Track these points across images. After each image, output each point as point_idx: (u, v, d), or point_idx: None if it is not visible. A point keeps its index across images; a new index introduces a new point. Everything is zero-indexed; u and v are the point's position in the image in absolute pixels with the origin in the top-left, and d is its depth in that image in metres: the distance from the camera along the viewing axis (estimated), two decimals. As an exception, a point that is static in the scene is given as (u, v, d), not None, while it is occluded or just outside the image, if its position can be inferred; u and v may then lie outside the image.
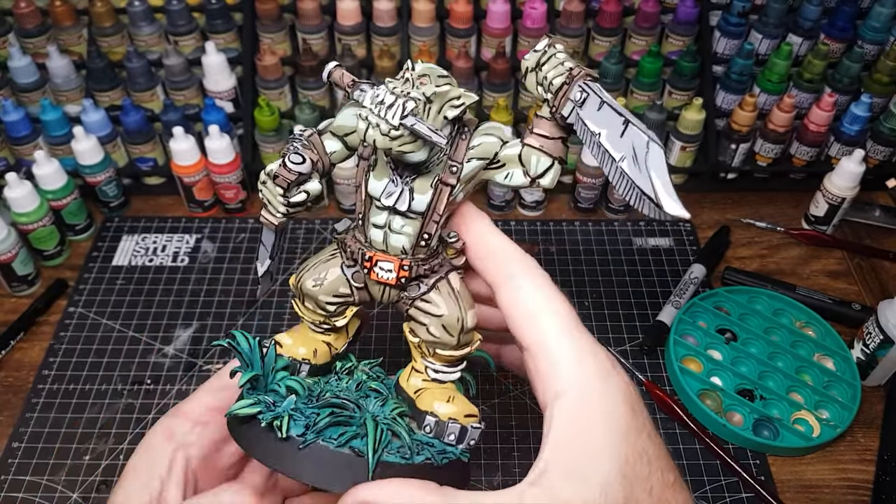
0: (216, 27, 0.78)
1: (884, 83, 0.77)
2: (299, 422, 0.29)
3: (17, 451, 0.58)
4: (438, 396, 0.31)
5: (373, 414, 0.31)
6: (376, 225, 0.30)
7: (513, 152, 0.30)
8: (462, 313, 0.31)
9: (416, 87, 0.27)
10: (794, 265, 0.74)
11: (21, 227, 0.68)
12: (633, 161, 0.25)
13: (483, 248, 0.30)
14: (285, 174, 0.30)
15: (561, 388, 0.25)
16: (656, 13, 0.78)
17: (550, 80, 0.28)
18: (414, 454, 0.29)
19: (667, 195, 0.24)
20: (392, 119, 0.26)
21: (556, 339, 0.27)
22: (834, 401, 0.61)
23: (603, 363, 0.26)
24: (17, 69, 0.75)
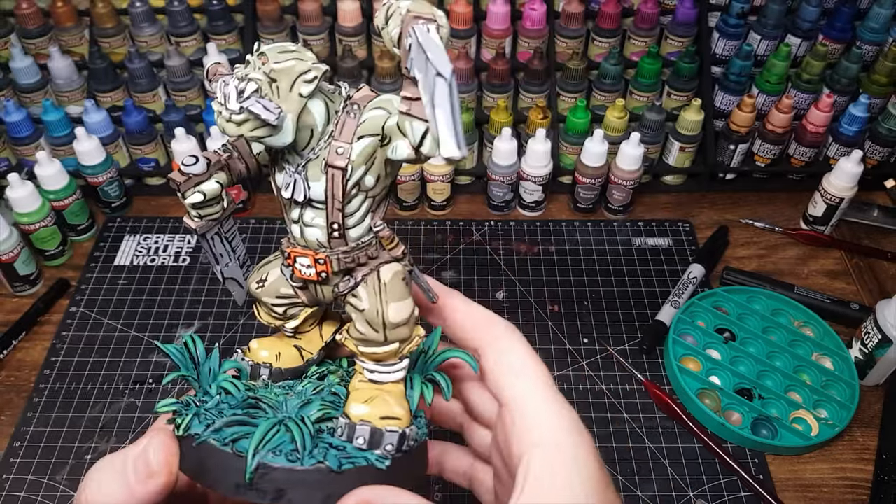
0: (217, 28, 0.79)
1: (882, 84, 0.77)
2: (205, 421, 0.28)
3: (19, 450, 0.58)
4: (359, 397, 0.30)
5: (282, 415, 0.29)
6: (293, 220, 0.29)
7: (391, 122, 0.26)
8: (382, 306, 0.29)
9: (256, 68, 0.26)
10: (792, 265, 0.75)
11: (23, 227, 0.68)
12: (430, 101, 0.22)
13: (468, 319, 0.32)
14: (176, 177, 0.29)
15: (538, 439, 0.27)
16: (655, 14, 0.78)
17: (391, 32, 0.24)
18: (305, 457, 0.27)
19: (446, 133, 0.21)
20: (232, 105, 0.25)
21: (536, 395, 0.29)
22: (832, 400, 0.61)
23: (575, 420, 0.28)
24: (18, 70, 0.75)
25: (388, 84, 0.77)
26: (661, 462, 0.58)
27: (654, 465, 0.57)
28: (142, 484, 0.26)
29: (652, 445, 0.59)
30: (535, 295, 0.70)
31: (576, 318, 0.68)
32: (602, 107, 0.79)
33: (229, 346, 0.65)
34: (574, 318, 0.68)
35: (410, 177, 0.75)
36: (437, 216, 0.79)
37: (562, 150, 0.80)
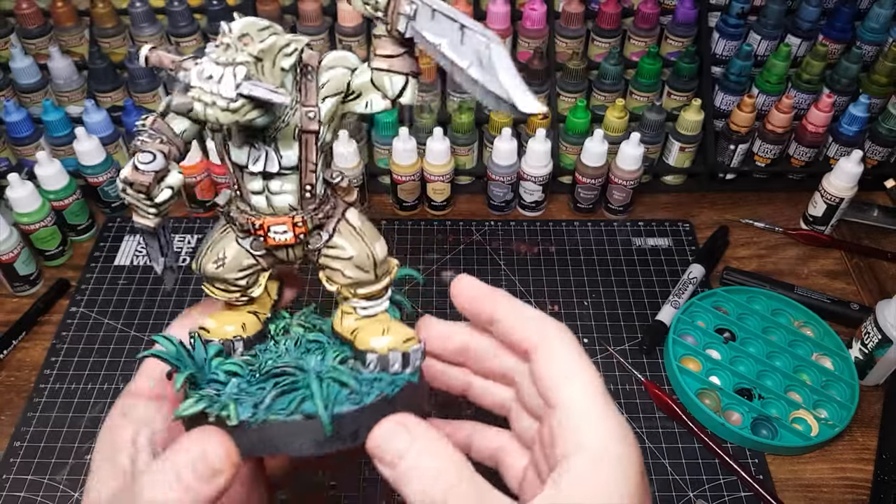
0: (217, 28, 0.79)
1: (882, 84, 0.77)
2: (246, 403, 0.28)
3: (19, 450, 0.58)
4: (373, 331, 0.31)
5: (316, 371, 0.30)
6: (254, 191, 0.29)
7: (365, 79, 0.28)
8: (370, 248, 0.31)
9: (239, 50, 0.25)
10: (792, 265, 0.75)
11: (23, 227, 0.68)
12: (479, 66, 0.24)
13: (521, 319, 0.31)
14: (141, 178, 0.27)
15: (585, 442, 0.27)
16: (655, 14, 0.78)
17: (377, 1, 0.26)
18: (364, 396, 0.29)
19: (520, 93, 0.23)
20: (227, 92, 0.25)
21: (586, 399, 0.28)
22: (832, 400, 0.61)
23: (625, 429, 0.28)
24: (18, 70, 0.75)
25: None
26: (661, 462, 0.58)
27: (654, 465, 0.57)
28: (207, 484, 0.26)
29: (652, 445, 0.59)
30: (534, 295, 0.70)
31: (576, 319, 0.68)
32: (602, 107, 0.79)
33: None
34: (574, 319, 0.68)
35: (410, 177, 0.75)
36: (437, 216, 0.79)
37: (562, 150, 0.80)
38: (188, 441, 0.27)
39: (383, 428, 0.27)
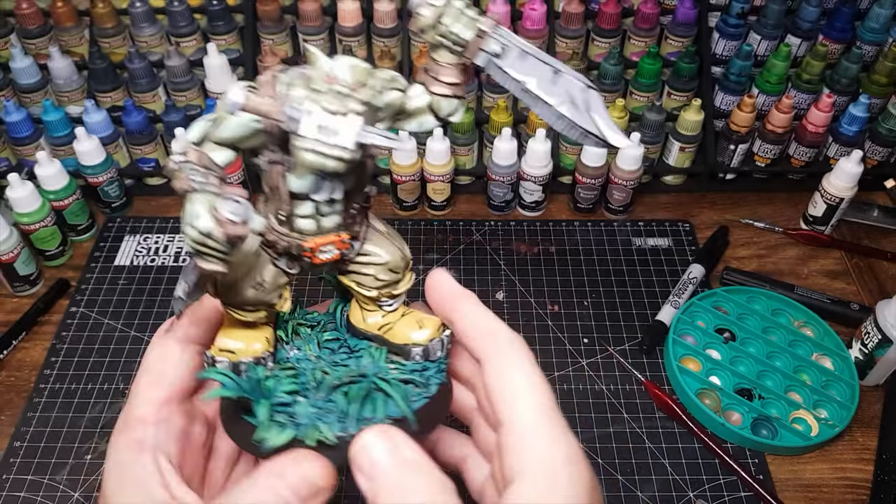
0: (217, 28, 0.79)
1: (882, 84, 0.77)
2: (330, 420, 0.29)
3: (19, 450, 0.58)
4: (409, 325, 0.32)
5: (374, 373, 0.31)
6: (303, 216, 0.29)
7: (422, 104, 0.29)
8: (402, 251, 0.32)
9: (350, 97, 0.25)
10: (792, 265, 0.75)
11: (23, 227, 0.68)
12: (572, 105, 0.27)
13: (473, 328, 0.31)
14: (236, 231, 0.24)
15: (528, 467, 0.26)
16: (655, 14, 0.78)
17: (458, 34, 0.27)
18: (426, 388, 0.31)
19: (613, 132, 0.27)
20: (347, 143, 0.24)
21: (534, 419, 0.27)
22: (832, 400, 0.61)
23: (573, 450, 0.27)
24: (18, 70, 0.75)
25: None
26: (661, 462, 0.58)
27: (654, 465, 0.57)
28: (313, 501, 0.27)
29: (652, 445, 0.59)
30: (535, 295, 0.70)
31: (576, 319, 0.68)
32: (602, 107, 0.79)
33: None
34: (574, 319, 0.68)
35: (410, 177, 0.75)
36: (437, 216, 0.79)
37: (562, 150, 0.80)
38: (287, 466, 0.27)
39: (367, 436, 0.27)
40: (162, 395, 0.30)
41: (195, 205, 0.24)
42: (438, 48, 0.28)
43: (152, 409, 0.30)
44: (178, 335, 0.32)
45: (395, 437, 0.27)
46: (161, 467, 0.28)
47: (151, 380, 0.31)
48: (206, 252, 0.25)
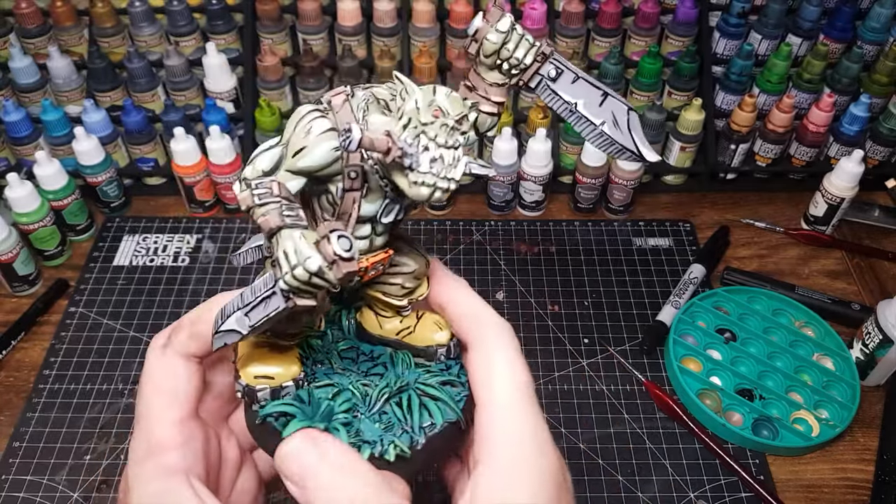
0: (217, 28, 0.79)
1: (883, 83, 0.77)
2: (399, 435, 0.29)
3: (18, 450, 0.58)
4: (430, 328, 0.32)
5: (414, 380, 0.31)
6: (361, 237, 0.29)
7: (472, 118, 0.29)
8: (425, 255, 0.32)
9: (456, 130, 0.26)
10: (793, 265, 0.74)
11: (22, 227, 0.68)
12: (613, 125, 0.29)
13: (462, 314, 0.31)
14: (350, 267, 0.24)
15: (496, 452, 0.27)
16: (656, 14, 0.78)
17: (521, 59, 0.28)
18: (463, 387, 0.31)
19: (647, 149, 0.29)
20: (458, 175, 0.25)
21: (507, 404, 0.28)
22: (833, 400, 0.61)
23: (543, 439, 0.27)
24: (18, 69, 0.75)
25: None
26: (662, 462, 0.57)
27: (654, 466, 0.57)
28: None
29: (652, 446, 0.59)
30: (535, 295, 0.70)
31: (576, 319, 0.68)
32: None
33: (229, 346, 0.65)
34: (574, 319, 0.68)
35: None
36: (437, 216, 0.79)
37: (562, 149, 0.79)
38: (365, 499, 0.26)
39: (290, 444, 0.26)
40: (181, 414, 0.29)
41: (299, 243, 0.24)
42: (492, 69, 0.29)
43: (174, 431, 0.29)
44: (178, 350, 0.30)
45: (321, 441, 0.27)
46: (197, 490, 0.27)
47: (167, 400, 0.29)
48: (307, 290, 0.24)
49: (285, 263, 0.24)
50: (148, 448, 0.28)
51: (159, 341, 0.31)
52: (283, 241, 0.24)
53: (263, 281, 0.26)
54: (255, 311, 0.26)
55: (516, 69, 0.28)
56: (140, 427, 0.29)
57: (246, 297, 0.26)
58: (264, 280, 0.26)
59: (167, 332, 0.31)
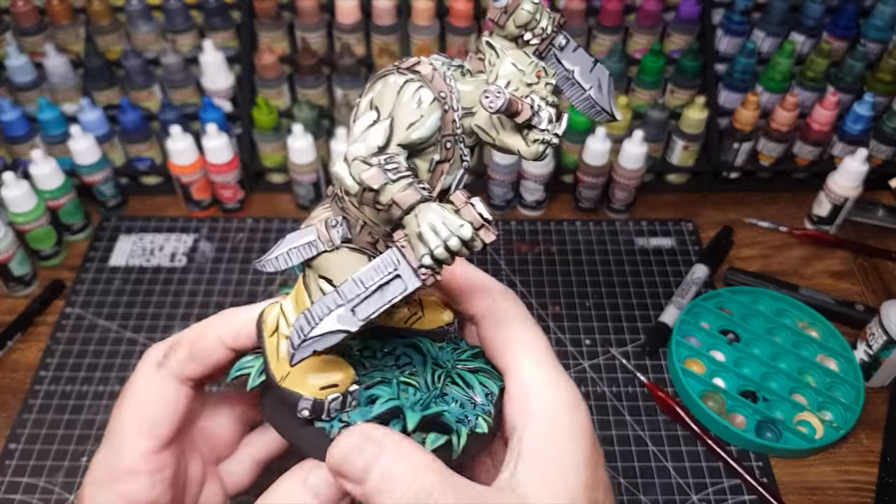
0: (214, 25, 0.78)
1: (887, 82, 0.77)
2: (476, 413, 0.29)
3: (14, 452, 0.57)
4: (435, 310, 0.32)
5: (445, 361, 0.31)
6: None
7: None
8: None
9: (544, 85, 0.26)
10: (797, 265, 0.74)
11: (18, 226, 0.68)
12: (598, 89, 0.30)
13: (466, 282, 0.31)
14: (493, 232, 0.24)
15: (534, 411, 0.27)
16: (658, 11, 0.77)
17: (545, 28, 0.28)
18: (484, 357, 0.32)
19: (615, 108, 0.30)
20: (561, 132, 0.26)
21: (534, 366, 0.28)
22: (837, 402, 0.60)
23: (574, 393, 0.28)
24: (14, 68, 0.75)
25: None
26: (664, 465, 0.57)
27: (656, 468, 0.57)
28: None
29: (655, 448, 0.58)
30: (536, 295, 0.70)
31: (577, 319, 0.68)
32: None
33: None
34: (576, 319, 0.68)
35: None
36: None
37: (563, 148, 0.79)
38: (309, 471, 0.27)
39: (343, 443, 0.25)
40: (157, 443, 0.28)
41: (446, 214, 0.23)
42: (511, 40, 0.27)
43: (144, 461, 0.28)
44: (174, 371, 0.29)
45: (377, 434, 0.26)
46: None
47: (146, 427, 0.28)
48: (448, 263, 0.24)
49: (434, 237, 0.23)
50: (111, 472, 0.27)
51: (155, 357, 0.29)
52: (426, 215, 0.23)
53: (374, 268, 0.25)
54: (368, 302, 0.25)
55: (538, 38, 0.27)
56: (109, 444, 0.28)
57: (349, 292, 0.25)
58: (374, 267, 0.25)
59: (164, 346, 0.30)
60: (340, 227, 0.27)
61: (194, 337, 0.29)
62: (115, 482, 0.27)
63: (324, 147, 0.77)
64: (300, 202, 0.78)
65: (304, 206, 0.78)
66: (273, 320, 0.29)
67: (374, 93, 0.26)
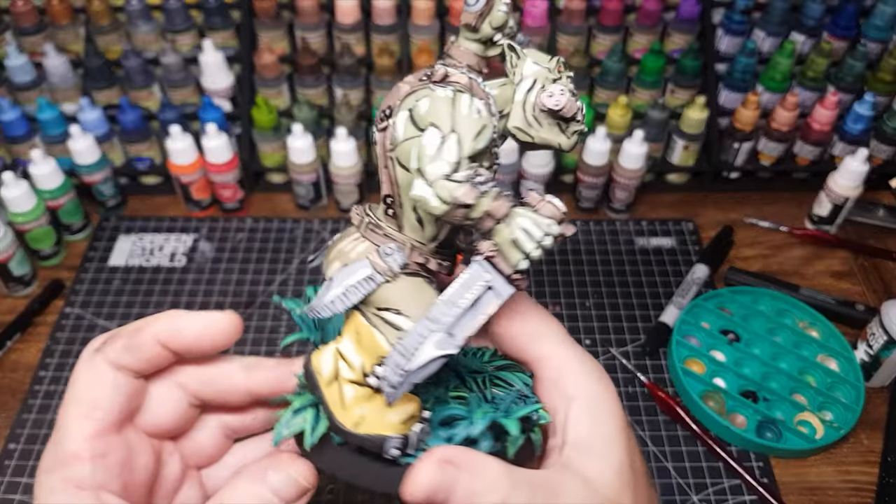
0: (214, 25, 0.78)
1: (887, 82, 0.76)
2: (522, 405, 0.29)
3: (14, 452, 0.57)
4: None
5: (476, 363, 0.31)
6: None
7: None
8: None
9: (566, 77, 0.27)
10: (797, 265, 0.74)
11: (17, 226, 0.68)
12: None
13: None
14: (572, 225, 0.25)
15: (574, 393, 0.28)
16: (658, 11, 0.77)
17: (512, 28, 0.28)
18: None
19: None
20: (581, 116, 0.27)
21: (564, 351, 0.29)
22: (837, 402, 0.60)
23: (599, 369, 0.29)
24: (13, 68, 0.75)
25: (387, 81, 0.77)
26: (665, 465, 0.57)
27: (657, 469, 0.57)
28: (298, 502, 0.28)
29: (655, 448, 0.58)
30: (535, 295, 0.70)
31: (577, 319, 0.68)
32: (604, 104, 0.79)
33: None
34: (576, 319, 0.68)
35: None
36: (436, 215, 0.78)
37: (563, 148, 0.79)
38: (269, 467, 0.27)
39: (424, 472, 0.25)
40: (99, 426, 0.28)
41: (534, 216, 0.24)
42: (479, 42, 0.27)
43: (87, 445, 0.27)
44: (109, 358, 0.29)
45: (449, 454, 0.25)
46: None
47: (83, 410, 0.28)
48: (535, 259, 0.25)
49: (529, 240, 0.24)
50: (56, 458, 0.27)
51: (93, 345, 0.30)
52: (518, 220, 0.24)
53: (462, 286, 0.25)
54: (463, 321, 0.25)
55: (506, 38, 0.27)
56: (54, 434, 0.28)
57: (441, 315, 0.25)
58: (462, 284, 0.25)
59: (104, 336, 0.30)
60: (397, 254, 0.26)
61: (132, 330, 0.30)
62: (61, 468, 0.27)
63: (324, 147, 0.77)
64: (300, 202, 0.78)
65: (304, 206, 0.78)
66: (330, 368, 0.27)
67: (420, 110, 0.25)
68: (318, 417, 0.28)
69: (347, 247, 0.27)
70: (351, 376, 0.27)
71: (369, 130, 0.78)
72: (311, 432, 0.28)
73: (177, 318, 0.30)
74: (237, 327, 0.30)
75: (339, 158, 0.72)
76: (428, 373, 0.25)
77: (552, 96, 0.25)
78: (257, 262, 0.72)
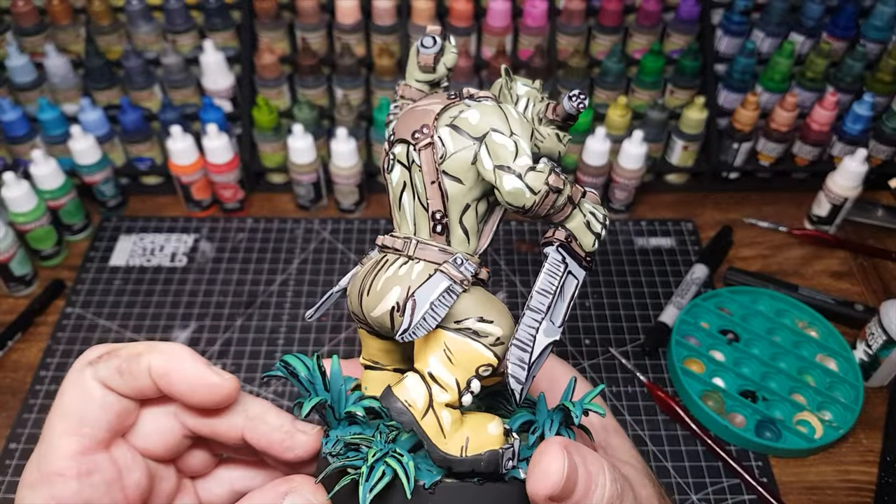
0: (214, 25, 0.78)
1: (886, 82, 0.77)
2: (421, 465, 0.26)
3: (15, 452, 0.57)
4: None
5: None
6: None
7: None
8: None
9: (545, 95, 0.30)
10: (796, 265, 0.74)
11: (18, 226, 0.68)
12: None
13: None
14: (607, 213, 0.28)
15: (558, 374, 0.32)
16: (658, 11, 0.77)
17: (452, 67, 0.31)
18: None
19: None
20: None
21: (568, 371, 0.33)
22: (836, 402, 0.60)
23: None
24: (14, 68, 0.75)
25: (387, 82, 0.77)
26: (664, 465, 0.57)
27: (656, 468, 0.57)
28: None
29: (654, 448, 0.58)
30: (535, 295, 0.70)
31: (577, 319, 0.68)
32: (604, 105, 0.79)
33: (226, 346, 0.65)
34: (575, 319, 0.68)
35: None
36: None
37: (563, 148, 0.79)
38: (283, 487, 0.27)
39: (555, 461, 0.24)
40: (85, 443, 0.26)
41: (592, 203, 0.28)
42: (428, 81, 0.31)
43: (72, 462, 0.26)
44: (100, 375, 0.27)
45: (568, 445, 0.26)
46: None
47: (69, 426, 0.27)
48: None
49: (598, 223, 0.27)
50: (40, 474, 0.26)
51: (89, 356, 0.28)
52: (585, 206, 0.27)
53: (548, 274, 0.26)
54: (557, 307, 0.26)
55: (450, 73, 0.31)
56: (39, 447, 0.27)
57: (541, 305, 0.26)
58: (548, 272, 0.26)
59: (102, 349, 0.28)
60: (467, 263, 0.27)
61: (131, 354, 0.28)
62: (45, 484, 0.26)
63: (324, 147, 0.77)
64: (300, 202, 0.78)
65: (304, 206, 0.78)
66: (423, 397, 0.26)
67: (471, 120, 0.26)
68: (402, 462, 0.25)
69: (400, 271, 0.27)
70: (447, 398, 0.26)
71: (369, 130, 0.78)
72: (430, 474, 0.26)
73: (177, 358, 0.28)
74: (232, 394, 0.28)
75: (339, 159, 0.72)
76: (543, 362, 0.26)
77: (575, 100, 0.26)
78: (257, 262, 0.73)
